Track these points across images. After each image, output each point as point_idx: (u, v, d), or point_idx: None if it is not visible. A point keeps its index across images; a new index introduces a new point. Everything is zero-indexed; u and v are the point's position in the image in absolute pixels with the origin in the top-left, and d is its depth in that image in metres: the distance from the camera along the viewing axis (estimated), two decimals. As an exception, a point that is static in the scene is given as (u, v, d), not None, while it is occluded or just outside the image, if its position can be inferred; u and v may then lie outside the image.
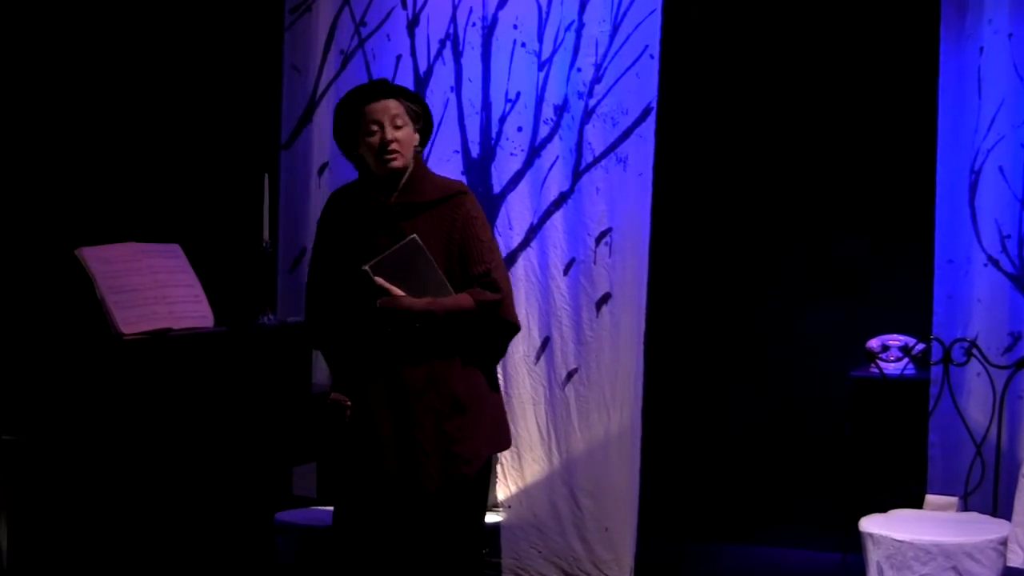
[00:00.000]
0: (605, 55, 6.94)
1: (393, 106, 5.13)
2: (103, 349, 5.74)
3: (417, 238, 5.03)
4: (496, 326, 5.20)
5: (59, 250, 6.15)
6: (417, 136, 5.21)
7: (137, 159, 7.36)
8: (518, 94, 7.07)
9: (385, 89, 5.17)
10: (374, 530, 5.11)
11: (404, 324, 5.04)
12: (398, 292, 5.03)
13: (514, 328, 5.27)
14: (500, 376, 6.92)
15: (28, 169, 6.91)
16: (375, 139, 5.11)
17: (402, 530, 5.09)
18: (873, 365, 7.21)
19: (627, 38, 6.90)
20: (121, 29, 7.29)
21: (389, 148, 5.10)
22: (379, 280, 5.02)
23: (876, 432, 7.28)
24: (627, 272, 6.91)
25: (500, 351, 5.33)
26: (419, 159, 5.25)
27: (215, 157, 7.58)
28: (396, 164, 5.11)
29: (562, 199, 7.01)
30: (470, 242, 5.16)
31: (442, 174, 5.37)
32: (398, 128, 5.11)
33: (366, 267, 5.00)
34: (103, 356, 5.72)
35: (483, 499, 5.27)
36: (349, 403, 5.15)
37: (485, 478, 5.24)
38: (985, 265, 6.59)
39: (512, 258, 7.02)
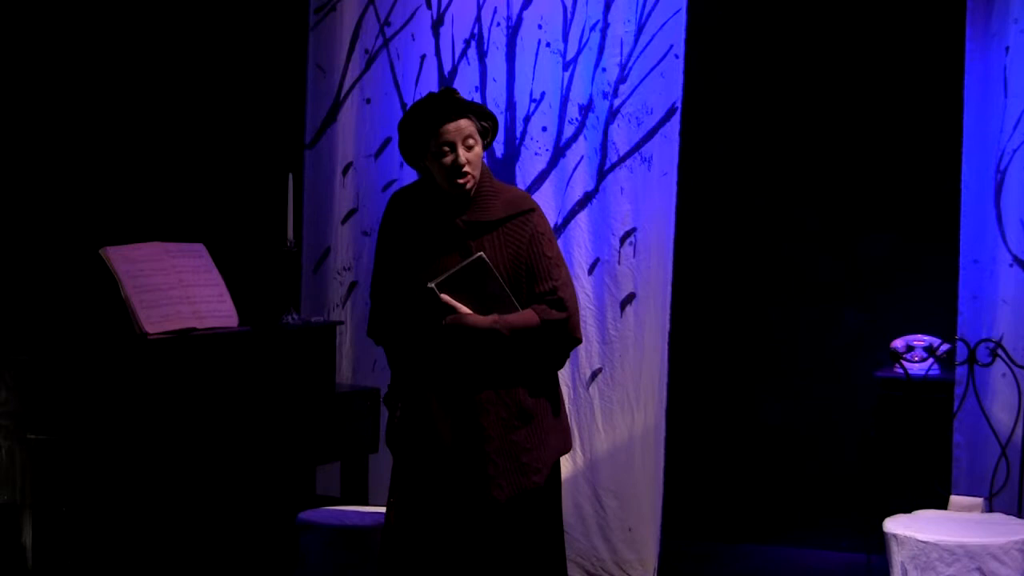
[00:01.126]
0: (630, 55, 6.93)
1: (466, 126, 5.00)
2: (128, 349, 5.76)
3: (484, 256, 4.98)
4: (561, 341, 5.15)
5: (84, 250, 6.17)
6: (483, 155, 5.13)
7: (162, 159, 7.38)
8: (543, 94, 7.07)
9: (459, 107, 5.02)
10: (437, 540, 5.07)
11: (470, 342, 5.02)
12: (464, 310, 4.97)
13: (577, 342, 5.21)
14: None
15: (53, 169, 6.93)
16: (448, 160, 4.99)
17: (470, 542, 5.05)
18: (898, 365, 7.19)
19: (652, 38, 6.89)
20: (147, 29, 7.31)
21: (462, 171, 4.99)
22: (445, 298, 4.97)
23: (901, 433, 7.26)
24: (651, 272, 6.90)
25: (562, 361, 5.28)
26: (486, 171, 5.15)
27: (240, 157, 7.60)
28: (468, 186, 5.03)
29: (587, 199, 7.01)
30: (537, 259, 5.08)
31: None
32: (470, 148, 5.00)
33: (431, 285, 4.96)
34: (128, 356, 5.74)
35: (557, 504, 5.22)
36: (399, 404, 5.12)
37: (556, 483, 5.20)
38: (1011, 265, 6.57)
39: (537, 258, 7.02)
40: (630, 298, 6.94)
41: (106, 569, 5.62)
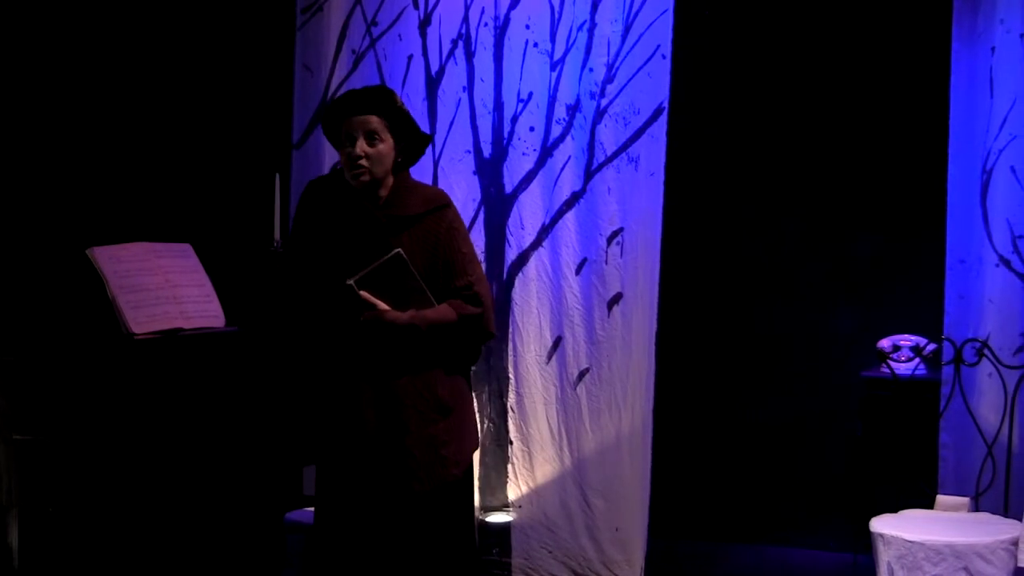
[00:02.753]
0: (617, 55, 6.94)
1: (371, 121, 5.10)
2: (114, 349, 5.76)
3: (402, 252, 5.04)
4: (475, 335, 5.24)
5: (70, 250, 6.16)
6: (394, 154, 5.17)
7: (148, 159, 7.38)
8: (530, 94, 7.07)
9: (367, 103, 5.13)
10: (360, 532, 5.11)
11: (388, 337, 5.05)
12: (382, 305, 5.04)
13: (490, 336, 5.34)
14: (512, 376, 6.95)
15: (39, 169, 6.92)
16: (346, 150, 5.12)
17: (390, 533, 5.10)
18: (884, 365, 7.20)
19: (639, 38, 6.89)
20: (133, 29, 7.30)
21: (357, 164, 5.09)
22: (364, 294, 5.03)
23: (887, 432, 7.27)
24: (639, 272, 6.91)
25: (476, 356, 5.39)
26: (403, 171, 5.23)
27: (227, 157, 7.59)
28: (363, 179, 5.11)
29: (574, 199, 7.01)
30: (452, 255, 5.19)
31: (454, 174, 5.36)
32: (372, 145, 5.09)
33: (350, 282, 5.01)
34: (114, 356, 5.73)
35: (471, 498, 5.31)
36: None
37: (471, 477, 5.30)
38: (997, 265, 6.58)
39: (524, 258, 7.03)
40: (617, 298, 6.95)
41: (94, 570, 5.61)
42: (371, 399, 5.07)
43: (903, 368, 7.20)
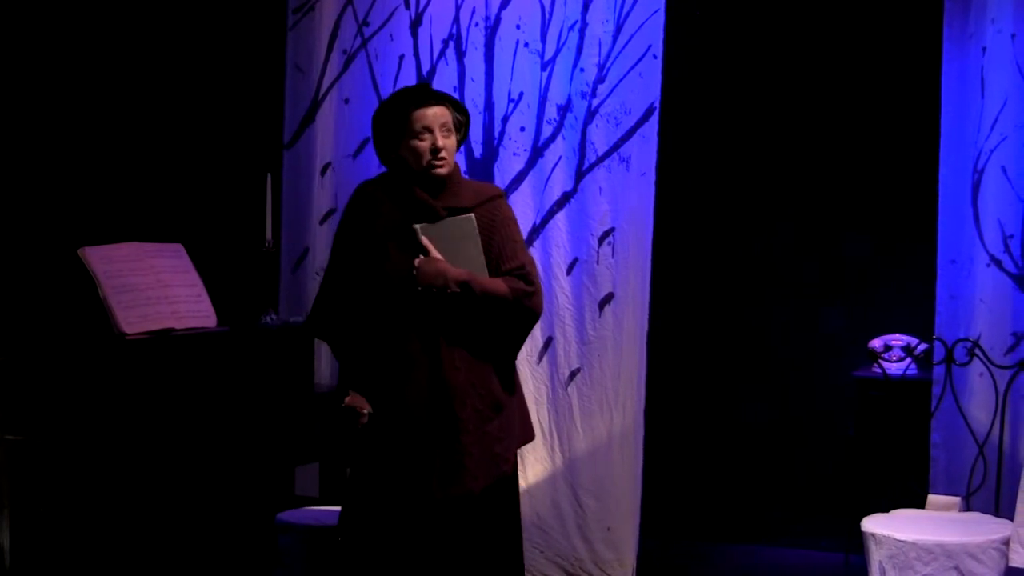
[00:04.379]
0: (608, 55, 6.94)
1: (443, 113, 5.10)
2: (106, 349, 5.75)
3: (474, 217, 5.06)
4: (524, 314, 5.19)
5: (62, 250, 6.16)
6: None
7: (140, 159, 7.36)
8: (521, 94, 7.07)
9: (435, 95, 5.15)
10: (406, 534, 5.08)
11: (437, 288, 5.04)
12: (438, 256, 5.03)
13: (537, 317, 5.25)
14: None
15: (31, 169, 6.91)
16: (425, 144, 5.08)
17: (444, 531, 5.07)
18: (876, 365, 7.21)
19: (630, 38, 6.90)
20: (124, 28, 7.29)
21: (439, 155, 5.08)
22: (424, 240, 5.02)
23: (878, 432, 7.28)
24: (630, 272, 6.91)
25: (522, 339, 5.31)
26: (456, 165, 5.24)
27: (218, 157, 7.59)
28: (443, 171, 5.09)
29: (565, 199, 7.01)
30: (506, 242, 5.18)
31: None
32: (447, 136, 5.10)
33: (416, 226, 5.00)
34: (106, 356, 5.72)
35: (517, 493, 5.30)
36: (365, 411, 5.12)
37: (516, 472, 5.29)
38: (988, 265, 6.59)
39: (515, 258, 7.02)
40: (609, 298, 6.95)
41: (86, 570, 5.61)
42: (427, 395, 5.05)
43: (894, 368, 7.21)
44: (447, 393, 5.04)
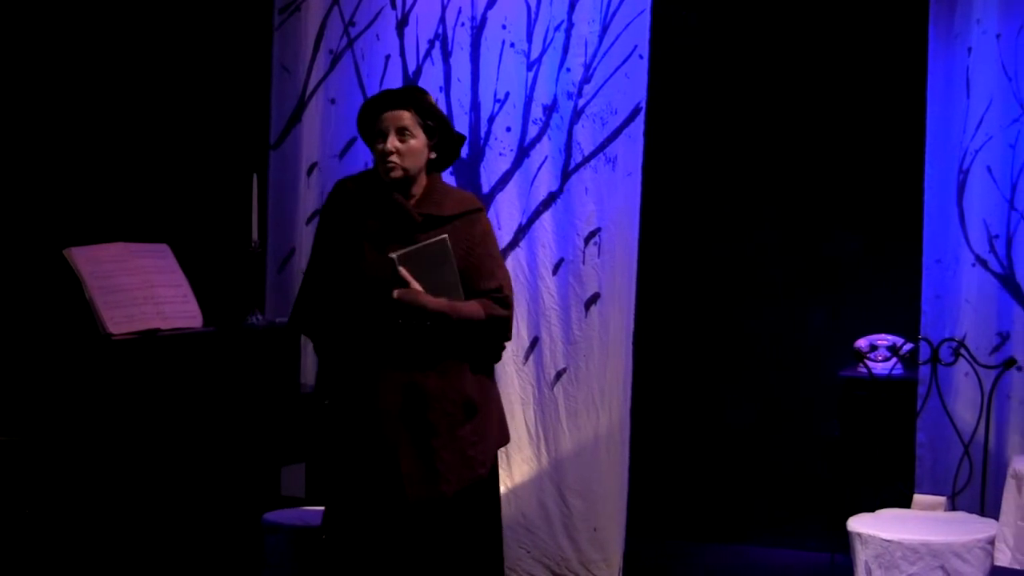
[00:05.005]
0: (594, 55, 6.94)
1: (399, 116, 5.09)
2: (92, 349, 5.74)
3: (447, 240, 5.03)
4: (498, 337, 5.23)
5: (48, 250, 6.14)
6: (427, 152, 5.14)
7: (126, 159, 7.35)
8: (507, 94, 7.07)
9: (394, 99, 5.13)
10: (382, 536, 5.08)
11: (416, 319, 5.03)
12: (417, 286, 5.02)
13: (509, 339, 5.29)
14: (489, 376, 6.94)
15: (16, 169, 6.90)
16: (379, 146, 5.09)
17: (416, 535, 5.07)
18: (861, 365, 7.22)
19: (616, 38, 6.90)
20: (111, 28, 7.28)
21: (389, 159, 5.07)
22: (402, 271, 5.00)
23: (864, 432, 7.29)
24: (616, 272, 6.91)
25: (498, 355, 5.34)
26: (437, 174, 5.22)
27: (204, 157, 7.58)
28: (394, 175, 5.08)
29: (551, 199, 7.01)
30: (484, 259, 5.18)
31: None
32: (404, 140, 5.08)
33: (393, 255, 4.98)
34: (92, 356, 5.71)
35: (497, 496, 5.29)
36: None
37: (496, 475, 5.27)
38: (973, 265, 6.61)
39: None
40: (595, 298, 6.95)
41: (71, 571, 5.59)
42: (400, 399, 5.05)
43: (880, 368, 7.22)
44: (419, 397, 5.04)
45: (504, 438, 5.34)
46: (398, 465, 5.04)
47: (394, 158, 5.07)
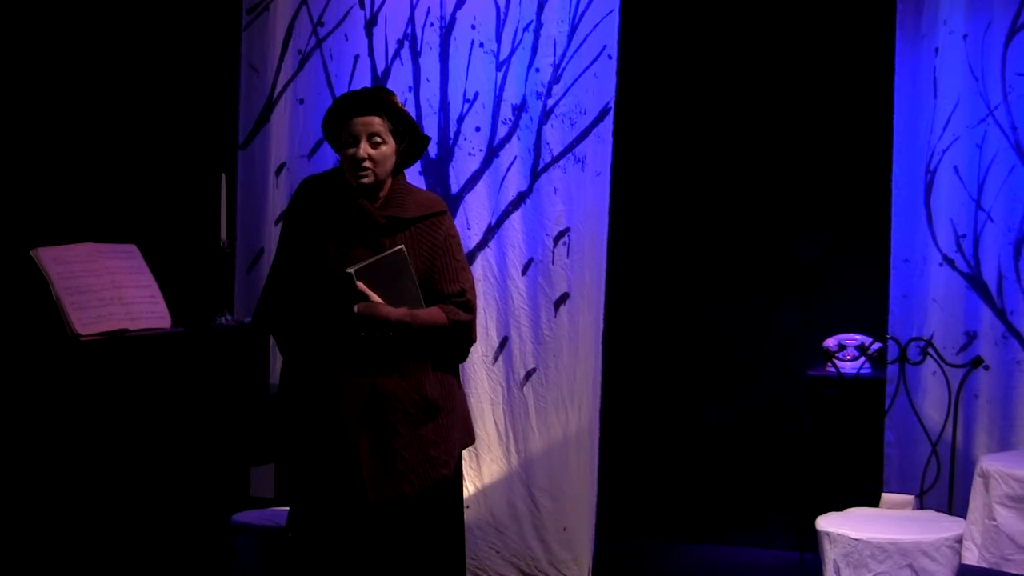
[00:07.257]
0: (563, 55, 6.95)
1: (370, 122, 5.04)
2: (60, 350, 5.72)
3: (404, 250, 5.01)
4: (462, 341, 5.21)
5: (14, 250, 6.12)
6: (394, 157, 5.12)
7: (93, 159, 7.32)
8: (476, 94, 7.07)
9: (372, 104, 5.08)
10: (346, 534, 5.08)
11: (379, 331, 5.02)
12: (377, 299, 5.00)
13: (473, 343, 5.28)
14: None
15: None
16: (350, 152, 5.04)
17: (379, 535, 5.07)
18: (830, 364, 7.24)
19: (585, 38, 6.91)
20: (77, 28, 7.25)
21: (361, 165, 5.04)
22: (360, 285, 4.98)
23: (833, 431, 7.32)
24: (585, 272, 6.92)
25: (463, 357, 5.33)
26: (401, 175, 5.20)
27: (172, 157, 7.55)
28: (365, 181, 5.05)
29: (520, 199, 7.02)
30: (448, 262, 5.15)
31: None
32: (375, 146, 5.05)
33: (351, 270, 4.96)
34: (60, 357, 5.69)
35: (460, 496, 5.28)
36: None
37: (459, 475, 5.26)
38: (940, 265, 6.63)
39: (470, 258, 7.01)
40: (564, 298, 6.95)
41: (38, 571, 5.57)
42: (360, 400, 5.04)
43: (848, 367, 7.24)
44: (380, 399, 5.03)
45: (469, 438, 5.32)
46: (360, 467, 5.03)
47: (367, 164, 5.04)
